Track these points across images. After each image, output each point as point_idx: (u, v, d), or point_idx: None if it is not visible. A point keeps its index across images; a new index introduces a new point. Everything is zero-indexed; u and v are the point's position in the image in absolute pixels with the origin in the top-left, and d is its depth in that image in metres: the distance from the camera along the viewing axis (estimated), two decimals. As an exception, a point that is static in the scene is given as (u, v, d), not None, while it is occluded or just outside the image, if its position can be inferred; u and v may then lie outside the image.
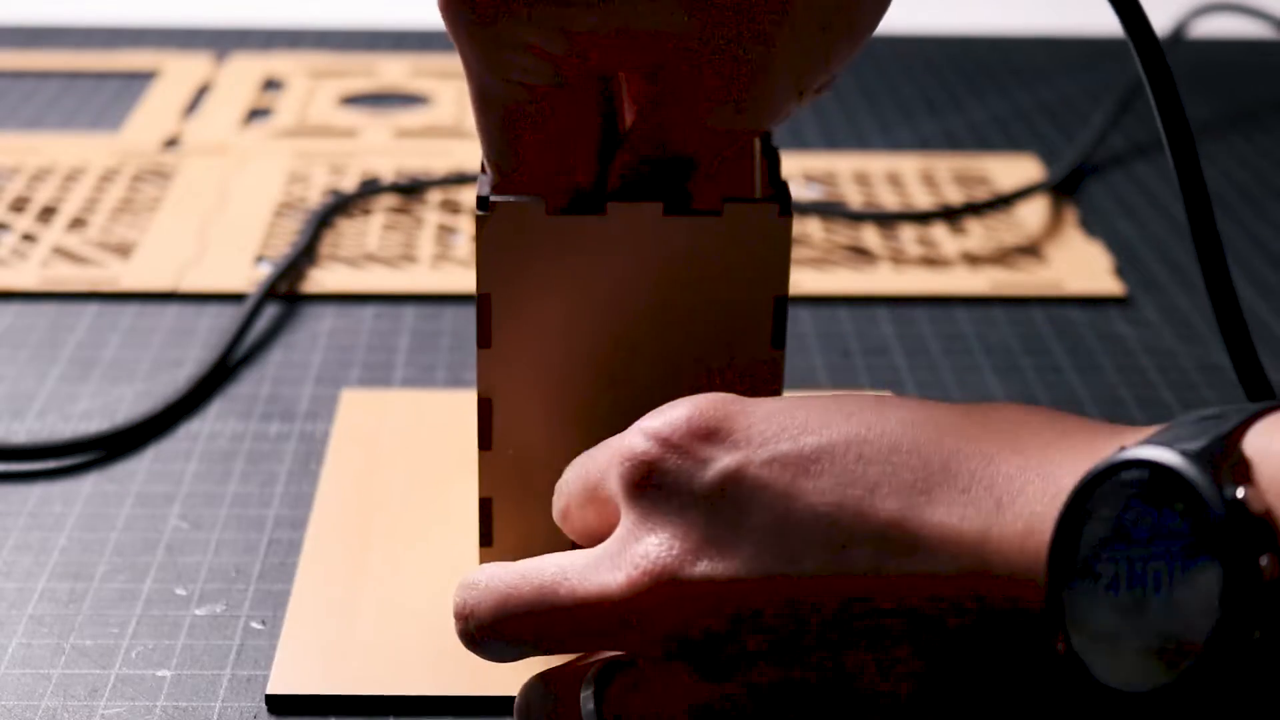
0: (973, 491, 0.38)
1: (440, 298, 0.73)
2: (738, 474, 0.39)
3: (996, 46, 1.07)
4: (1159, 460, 0.35)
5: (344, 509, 0.56)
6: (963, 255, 0.77)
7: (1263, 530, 0.34)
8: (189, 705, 0.48)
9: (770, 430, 0.40)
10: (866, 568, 0.38)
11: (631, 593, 0.39)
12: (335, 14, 1.10)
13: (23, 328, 0.70)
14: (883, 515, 0.38)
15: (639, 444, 0.41)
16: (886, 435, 0.39)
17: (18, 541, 0.55)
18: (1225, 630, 0.33)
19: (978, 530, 0.38)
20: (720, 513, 0.39)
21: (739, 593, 0.39)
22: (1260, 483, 0.34)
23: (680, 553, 0.39)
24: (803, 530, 0.38)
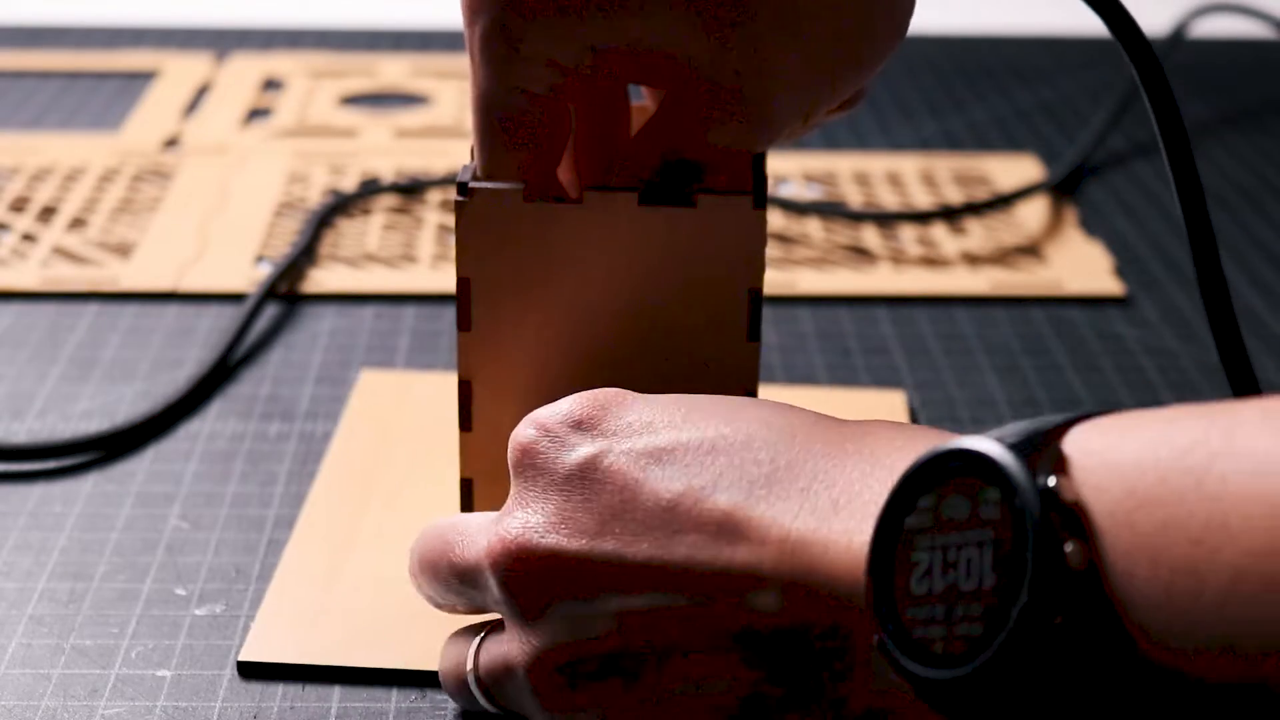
0: (812, 490, 0.40)
1: (440, 298, 0.73)
2: (595, 460, 0.42)
3: (996, 46, 1.07)
4: (977, 449, 0.36)
5: (344, 485, 0.57)
6: (963, 255, 0.77)
7: (1071, 519, 0.34)
8: (189, 705, 0.48)
9: (636, 424, 0.43)
10: (693, 557, 0.40)
11: (489, 558, 0.43)
12: (335, 14, 1.10)
13: (23, 328, 0.70)
14: (719, 506, 0.40)
15: (524, 431, 0.44)
16: (742, 434, 0.41)
17: (18, 541, 0.55)
18: (1028, 615, 0.34)
19: (809, 528, 0.39)
20: (574, 495, 0.42)
21: (580, 569, 0.41)
22: (1074, 475, 0.35)
23: (534, 527, 0.42)
24: (642, 515, 0.41)
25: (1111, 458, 0.35)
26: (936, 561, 0.36)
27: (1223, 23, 1.07)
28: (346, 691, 0.48)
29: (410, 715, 0.48)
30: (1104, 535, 0.34)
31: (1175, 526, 0.33)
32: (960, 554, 0.36)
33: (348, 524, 0.55)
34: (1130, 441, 0.35)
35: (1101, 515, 0.34)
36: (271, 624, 0.50)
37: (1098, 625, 0.34)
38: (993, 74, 1.03)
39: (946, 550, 0.36)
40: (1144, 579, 0.33)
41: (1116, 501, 0.34)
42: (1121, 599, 0.34)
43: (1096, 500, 0.34)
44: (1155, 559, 0.33)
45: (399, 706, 0.48)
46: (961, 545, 0.36)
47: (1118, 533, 0.34)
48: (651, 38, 0.46)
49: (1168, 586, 0.33)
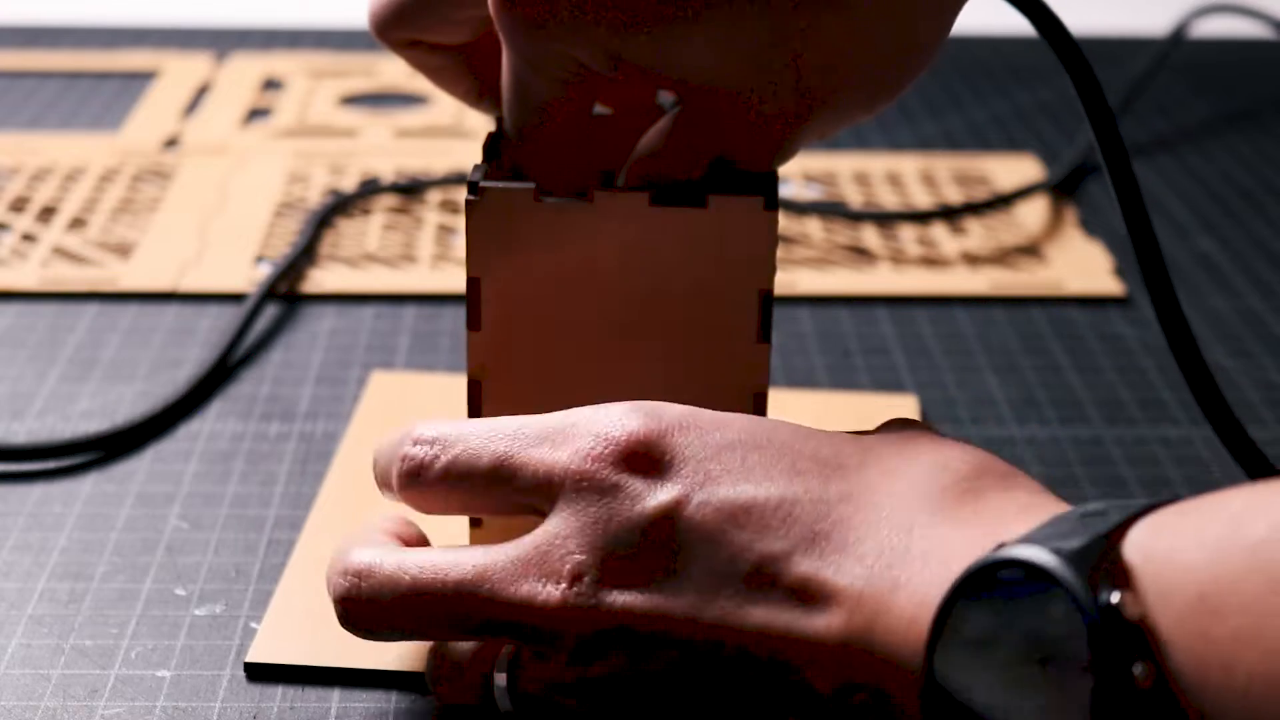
0: (876, 568, 0.39)
1: (440, 298, 0.73)
2: (676, 510, 0.41)
3: (996, 46, 1.07)
4: (1034, 561, 0.35)
5: (352, 487, 0.57)
6: (963, 255, 0.77)
7: (1136, 637, 0.33)
8: (189, 705, 0.48)
9: (716, 470, 0.41)
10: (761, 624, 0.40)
11: (559, 608, 0.41)
12: (335, 14, 1.10)
13: (23, 328, 0.70)
14: (791, 576, 0.40)
15: (583, 466, 0.42)
16: (821, 501, 0.41)
17: (18, 541, 0.55)
18: None
19: (872, 605, 0.38)
20: (653, 546, 0.41)
21: (653, 622, 0.40)
22: (1138, 587, 0.34)
23: (607, 575, 0.41)
24: (717, 579, 0.40)
25: (1178, 560, 0.33)
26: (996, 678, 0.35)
27: (1223, 23, 1.07)
28: (347, 692, 0.48)
29: (410, 715, 0.48)
30: (1173, 649, 0.33)
31: (1252, 634, 0.32)
32: (1024, 670, 0.35)
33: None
34: (1197, 538, 0.33)
35: (1170, 628, 0.33)
36: (279, 625, 0.50)
37: None
38: (993, 74, 1.03)
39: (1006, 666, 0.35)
40: (1218, 688, 0.32)
41: (1187, 612, 0.33)
42: (1197, 707, 0.32)
43: (1164, 613, 0.33)
44: (1230, 669, 0.32)
45: (398, 707, 0.48)
46: (1023, 661, 0.35)
47: (1189, 644, 0.33)
48: (685, 69, 0.46)
49: (1243, 695, 0.32)
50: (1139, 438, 0.62)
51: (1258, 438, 0.62)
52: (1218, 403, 0.50)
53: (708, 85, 0.46)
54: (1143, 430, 0.63)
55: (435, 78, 0.52)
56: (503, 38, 0.47)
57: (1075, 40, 0.49)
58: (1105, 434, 0.63)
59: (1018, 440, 0.62)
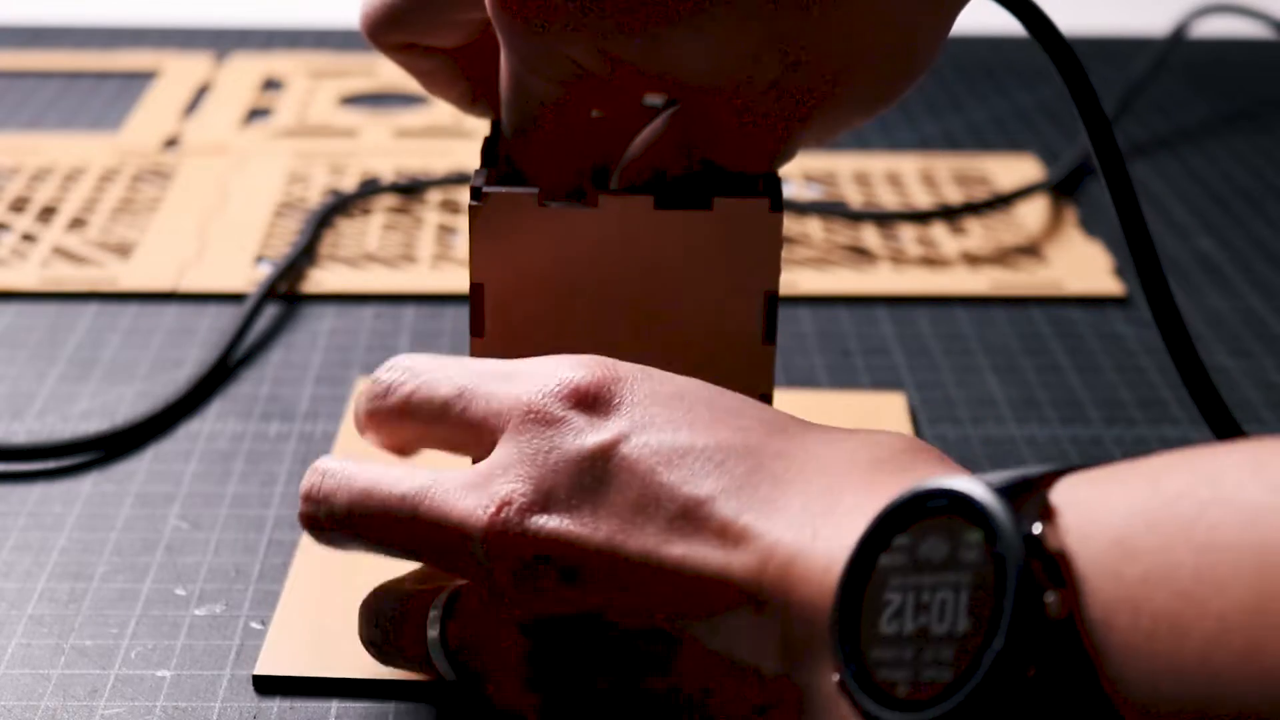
0: (800, 517, 0.39)
1: (440, 298, 0.73)
2: (610, 449, 0.42)
3: (996, 46, 1.07)
4: (960, 490, 0.35)
5: None
6: (963, 255, 0.77)
7: (1053, 568, 0.34)
8: (189, 705, 0.48)
9: (659, 416, 0.42)
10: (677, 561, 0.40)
11: (485, 525, 0.42)
12: (335, 14, 1.10)
13: (23, 328, 0.70)
14: (715, 519, 0.40)
15: (533, 400, 0.43)
16: (756, 451, 0.41)
17: (18, 541, 0.55)
18: (1002, 663, 0.33)
19: (789, 552, 0.39)
20: (582, 478, 0.42)
21: (573, 550, 0.41)
22: (1060, 524, 0.34)
23: (538, 502, 0.42)
24: (641, 515, 0.41)
25: (1099, 507, 0.34)
26: (909, 602, 0.35)
27: (1223, 23, 1.07)
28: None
29: (411, 715, 0.48)
30: (1087, 584, 0.33)
31: (1161, 576, 0.32)
32: (935, 596, 0.35)
33: None
34: (1119, 491, 0.34)
35: (1086, 564, 0.33)
36: (284, 637, 0.50)
37: (1072, 678, 0.33)
38: (993, 74, 1.03)
39: (920, 591, 0.35)
40: (1125, 629, 0.33)
41: (1102, 551, 0.33)
42: (1100, 651, 0.33)
43: (1082, 549, 0.34)
44: (1138, 609, 0.32)
45: (398, 708, 0.48)
46: (937, 587, 0.35)
47: (1101, 582, 0.33)
48: (684, 71, 0.46)
49: (1149, 637, 0.32)
50: (1139, 438, 0.62)
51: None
52: (1215, 403, 0.51)
53: (705, 87, 0.46)
54: (1143, 430, 0.63)
55: (427, 81, 0.52)
56: (501, 39, 0.47)
57: (1067, 41, 0.49)
58: (1105, 434, 0.63)
59: (1018, 440, 0.62)
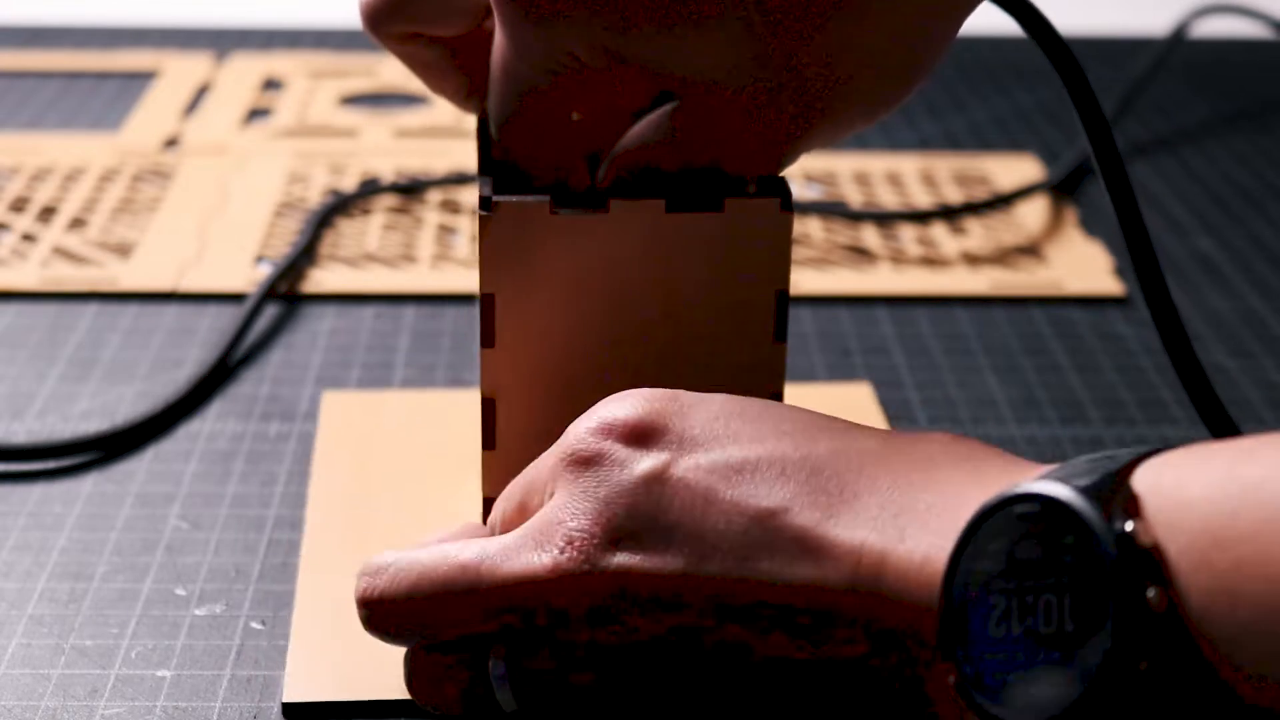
0: (880, 519, 0.39)
1: (440, 298, 0.73)
2: (663, 474, 0.41)
3: (997, 46, 1.07)
4: (1050, 494, 0.36)
5: (338, 513, 0.56)
6: (963, 255, 0.77)
7: (1149, 563, 0.34)
8: (189, 705, 0.48)
9: (703, 436, 0.42)
10: (766, 575, 0.40)
11: (556, 572, 0.41)
12: (335, 14, 1.10)
13: (23, 328, 0.70)
14: (791, 529, 0.40)
15: (584, 437, 0.43)
16: (811, 458, 0.41)
17: (18, 541, 0.55)
18: (1113, 661, 0.34)
19: (878, 553, 0.39)
20: (641, 508, 0.41)
21: (648, 580, 0.41)
22: (1148, 516, 0.35)
23: (601, 540, 0.41)
24: (713, 535, 0.40)
25: (1184, 495, 0.35)
26: (1014, 605, 0.36)
27: (1223, 23, 1.07)
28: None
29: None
30: (1181, 577, 0.34)
31: (1251, 564, 0.33)
32: (1038, 599, 0.36)
33: (352, 554, 0.53)
34: (1201, 476, 0.35)
35: (1177, 556, 0.34)
36: (305, 663, 0.49)
37: (1183, 667, 0.34)
38: (993, 74, 1.03)
39: (1023, 595, 0.36)
40: (1223, 619, 0.33)
41: (1191, 541, 0.34)
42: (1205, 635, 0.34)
43: (1171, 541, 0.34)
44: (1234, 599, 0.33)
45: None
46: (1038, 590, 0.36)
47: (1195, 574, 0.34)
48: (688, 68, 0.46)
49: (1247, 626, 0.33)
50: (1139, 437, 0.62)
51: (1258, 438, 0.62)
52: (1213, 403, 0.51)
53: (708, 88, 0.46)
54: (1143, 430, 0.63)
55: (425, 74, 0.52)
56: (499, 23, 0.46)
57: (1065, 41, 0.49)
58: (1105, 434, 0.63)
59: (1018, 440, 0.62)
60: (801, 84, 0.46)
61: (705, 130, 0.47)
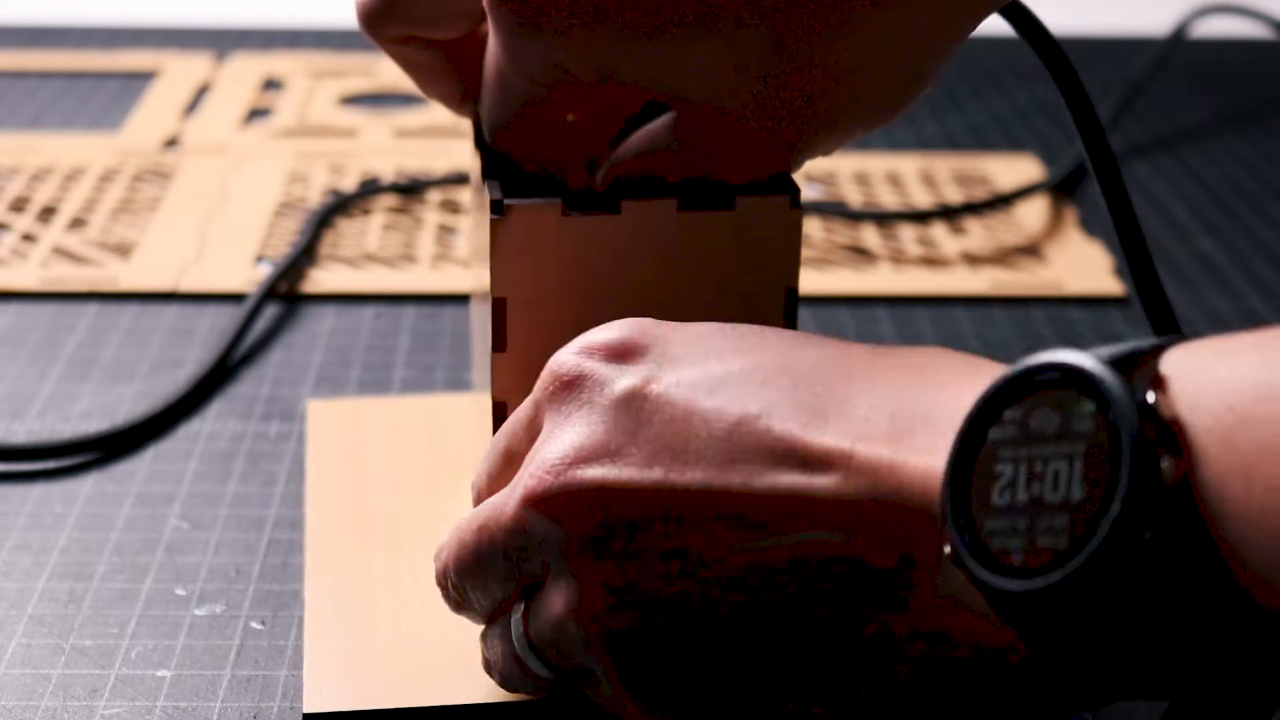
0: (872, 419, 0.38)
1: (440, 298, 0.73)
2: (642, 389, 0.41)
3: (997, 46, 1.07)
4: (1072, 363, 0.35)
5: (337, 522, 0.56)
6: (963, 255, 0.77)
7: (1167, 434, 0.34)
8: (189, 705, 0.48)
9: (685, 354, 0.41)
10: (749, 484, 0.39)
11: (528, 499, 0.41)
12: (335, 14, 1.10)
13: (23, 328, 0.70)
14: (775, 434, 0.39)
15: (565, 359, 0.43)
16: (795, 365, 0.40)
17: (18, 541, 0.55)
18: (1119, 529, 0.33)
19: (871, 455, 0.38)
20: (621, 423, 0.41)
21: (628, 497, 0.40)
22: (1172, 393, 0.34)
23: (577, 456, 0.41)
24: (695, 444, 0.40)
25: (1209, 377, 0.34)
26: (1021, 473, 0.35)
27: (1223, 23, 1.07)
28: (346, 691, 0.48)
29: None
30: (1200, 453, 0.33)
31: (1273, 448, 0.32)
32: (1048, 466, 0.35)
33: (355, 560, 0.54)
34: (1228, 362, 0.34)
35: (1199, 432, 0.33)
36: (322, 674, 0.48)
37: (1188, 543, 0.33)
38: (993, 74, 1.03)
39: (1032, 462, 0.35)
40: (1238, 499, 0.33)
41: (1215, 419, 0.33)
42: (1216, 518, 0.33)
43: (1193, 418, 0.33)
44: (1250, 479, 0.32)
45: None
46: (1049, 458, 0.35)
47: (1214, 451, 0.33)
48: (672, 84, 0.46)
49: (1261, 508, 0.32)
50: (1139, 438, 0.62)
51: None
52: None
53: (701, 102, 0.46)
54: (1143, 430, 0.63)
55: (421, 77, 0.52)
56: (493, 31, 0.46)
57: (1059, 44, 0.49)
58: (1105, 434, 0.63)
59: (1018, 440, 0.62)
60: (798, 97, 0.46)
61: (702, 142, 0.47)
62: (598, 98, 0.48)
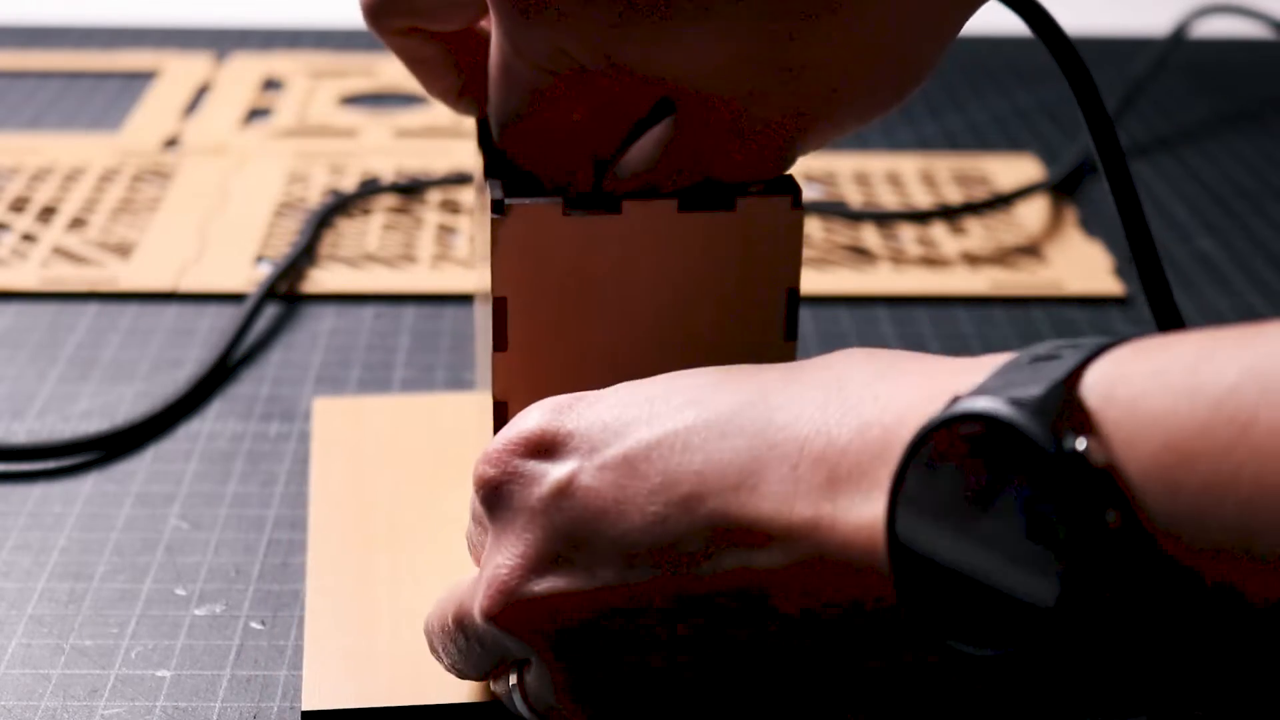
0: (801, 469, 0.37)
1: (440, 298, 0.73)
2: (569, 486, 0.40)
3: (997, 46, 1.07)
4: (994, 413, 0.33)
5: (340, 520, 0.56)
6: (963, 255, 0.77)
7: (1105, 483, 0.32)
8: (189, 705, 0.48)
9: (602, 433, 0.41)
10: (697, 570, 0.38)
11: (490, 613, 0.41)
12: (335, 14, 1.10)
13: (23, 328, 0.70)
14: (709, 510, 0.38)
15: (482, 469, 0.42)
16: (715, 421, 0.39)
17: (18, 541, 0.55)
18: (1072, 591, 0.32)
19: (809, 516, 0.37)
20: (557, 527, 0.40)
21: (579, 602, 0.40)
22: (1103, 431, 0.32)
23: (523, 571, 0.40)
24: (633, 536, 0.39)
25: (1143, 407, 0.32)
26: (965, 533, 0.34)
27: (1223, 23, 1.07)
28: (346, 691, 0.48)
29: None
30: (1142, 496, 0.31)
31: (1222, 485, 0.30)
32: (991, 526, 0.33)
33: (357, 560, 0.54)
34: (1160, 384, 0.32)
35: (1137, 474, 0.31)
36: (322, 671, 0.49)
37: (1148, 583, 0.32)
38: (993, 74, 1.03)
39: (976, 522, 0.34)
40: (1192, 541, 0.31)
41: (1153, 457, 0.31)
42: (1174, 539, 0.31)
43: (1131, 458, 0.32)
44: (1202, 519, 0.31)
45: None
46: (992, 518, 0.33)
47: (1156, 493, 0.31)
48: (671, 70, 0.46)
49: (1217, 545, 0.31)
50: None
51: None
52: None
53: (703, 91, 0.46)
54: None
55: (421, 70, 0.52)
56: (496, 20, 0.46)
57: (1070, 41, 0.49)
58: (1105, 434, 0.63)
59: (1018, 440, 0.62)
60: (797, 85, 0.46)
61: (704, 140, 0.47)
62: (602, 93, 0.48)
